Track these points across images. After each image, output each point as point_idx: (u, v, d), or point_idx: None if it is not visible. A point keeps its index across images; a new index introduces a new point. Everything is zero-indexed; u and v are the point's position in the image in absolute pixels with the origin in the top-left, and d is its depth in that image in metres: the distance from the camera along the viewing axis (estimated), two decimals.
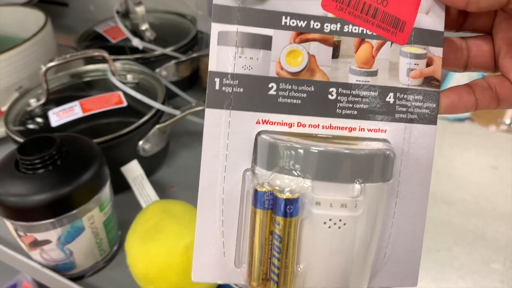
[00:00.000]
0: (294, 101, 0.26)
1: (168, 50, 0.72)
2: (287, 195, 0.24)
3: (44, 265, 0.47)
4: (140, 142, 0.57)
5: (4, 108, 0.61)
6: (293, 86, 0.25)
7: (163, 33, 0.79)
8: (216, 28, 0.25)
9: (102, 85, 0.65)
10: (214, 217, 0.26)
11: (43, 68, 0.57)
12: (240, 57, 0.25)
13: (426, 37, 0.26)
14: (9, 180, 0.43)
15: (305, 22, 0.25)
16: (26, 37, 0.66)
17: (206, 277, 0.27)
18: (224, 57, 0.25)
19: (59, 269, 0.47)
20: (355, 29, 0.26)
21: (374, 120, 0.26)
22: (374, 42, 0.26)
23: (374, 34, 0.26)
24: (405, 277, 0.28)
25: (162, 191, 0.58)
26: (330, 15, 0.25)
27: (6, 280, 0.94)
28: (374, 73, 0.26)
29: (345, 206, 0.24)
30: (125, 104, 0.59)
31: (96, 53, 0.59)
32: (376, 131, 0.26)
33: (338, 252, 0.25)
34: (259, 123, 0.26)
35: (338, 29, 0.26)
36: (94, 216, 0.46)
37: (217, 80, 0.25)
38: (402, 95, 0.26)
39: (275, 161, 0.25)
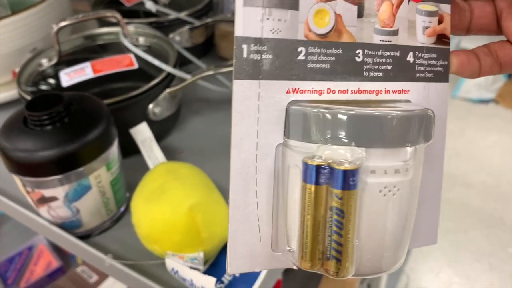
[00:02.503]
0: (323, 65, 0.24)
1: (182, 15, 0.70)
2: (346, 166, 0.22)
3: (51, 222, 0.48)
4: (150, 106, 0.57)
5: (17, 70, 0.61)
6: (322, 49, 0.24)
7: None
8: None
9: (115, 48, 0.64)
10: (248, 200, 0.25)
11: (55, 28, 0.56)
12: (267, 19, 0.23)
13: None
14: (17, 136, 0.44)
15: None
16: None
17: (243, 267, 0.25)
18: (251, 20, 0.23)
19: (66, 226, 0.48)
20: None
21: (397, 81, 0.26)
22: (394, 0, 0.26)
23: None
24: (424, 236, 0.27)
25: (171, 156, 0.58)
26: None
27: (23, 242, 0.97)
28: (395, 33, 0.26)
29: (399, 171, 0.23)
30: (136, 66, 0.58)
31: (108, 13, 0.59)
32: (400, 92, 0.26)
33: (393, 219, 0.24)
34: (289, 92, 0.24)
35: None
36: (101, 175, 0.46)
37: (244, 46, 0.23)
38: (420, 54, 0.26)
39: (318, 132, 0.23)
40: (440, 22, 0.27)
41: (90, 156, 0.44)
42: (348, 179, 0.22)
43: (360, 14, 0.25)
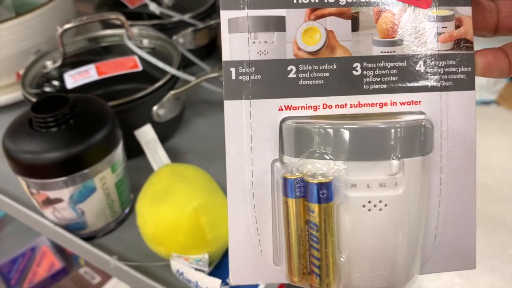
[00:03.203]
0: (317, 81, 0.24)
1: (186, 17, 0.71)
2: (319, 179, 0.22)
3: (56, 223, 0.48)
4: (155, 107, 0.57)
5: (22, 72, 0.61)
6: (314, 66, 0.24)
7: (182, 0, 0.78)
8: (225, 16, 0.24)
9: (119, 50, 0.65)
10: (246, 214, 0.25)
11: (60, 30, 0.57)
12: (253, 42, 0.24)
13: None
14: (22, 138, 0.44)
15: None
16: (45, 1, 0.66)
17: (245, 279, 0.26)
18: (237, 45, 0.24)
19: (71, 228, 0.48)
20: None
21: (406, 92, 0.25)
22: (395, 10, 0.25)
23: (394, 0, 0.25)
24: (460, 260, 0.26)
25: (175, 158, 0.58)
26: None
27: (26, 243, 0.97)
28: (399, 42, 0.25)
29: (384, 185, 0.23)
30: (140, 68, 0.59)
31: (113, 16, 0.59)
32: (410, 104, 0.25)
33: (383, 235, 0.23)
34: (282, 109, 0.25)
35: (354, 0, 0.25)
36: (106, 177, 0.46)
37: (232, 69, 0.24)
38: (433, 62, 0.25)
39: (303, 147, 0.24)
40: (458, 26, 0.25)
41: (95, 158, 0.44)
42: (319, 192, 0.22)
43: (355, 28, 0.25)
